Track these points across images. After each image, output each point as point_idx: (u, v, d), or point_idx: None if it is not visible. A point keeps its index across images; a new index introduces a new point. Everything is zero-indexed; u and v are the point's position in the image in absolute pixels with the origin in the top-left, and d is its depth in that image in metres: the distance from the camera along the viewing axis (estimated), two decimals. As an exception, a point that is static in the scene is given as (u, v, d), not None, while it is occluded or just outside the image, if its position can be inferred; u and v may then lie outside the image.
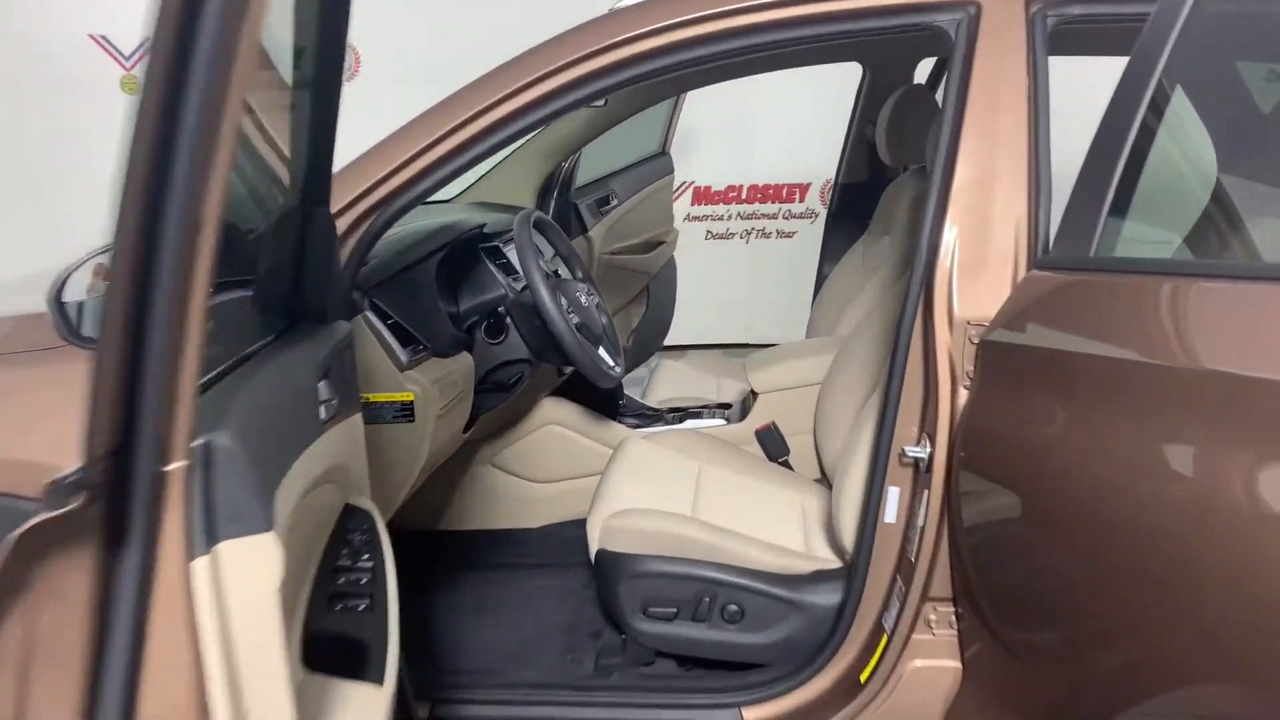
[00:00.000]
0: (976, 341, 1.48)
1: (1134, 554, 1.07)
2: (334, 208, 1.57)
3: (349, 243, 1.60)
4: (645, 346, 3.82)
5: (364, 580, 1.18)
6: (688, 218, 5.20)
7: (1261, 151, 1.50)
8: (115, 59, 4.48)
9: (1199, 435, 1.00)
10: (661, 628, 1.83)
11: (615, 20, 1.61)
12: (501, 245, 2.24)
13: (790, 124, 4.77)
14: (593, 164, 3.47)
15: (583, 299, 1.99)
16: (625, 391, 2.56)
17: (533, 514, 2.39)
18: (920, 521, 1.56)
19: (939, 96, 2.64)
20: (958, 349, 1.50)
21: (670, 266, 3.88)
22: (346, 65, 4.46)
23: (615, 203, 3.50)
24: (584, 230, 3.32)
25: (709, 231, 5.25)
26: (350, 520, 1.27)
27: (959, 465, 1.50)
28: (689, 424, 2.39)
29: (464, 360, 1.88)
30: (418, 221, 2.07)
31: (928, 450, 1.53)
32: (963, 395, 1.50)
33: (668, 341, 5.34)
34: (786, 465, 2.31)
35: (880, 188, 2.83)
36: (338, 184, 1.60)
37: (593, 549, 1.88)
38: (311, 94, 1.20)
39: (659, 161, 3.76)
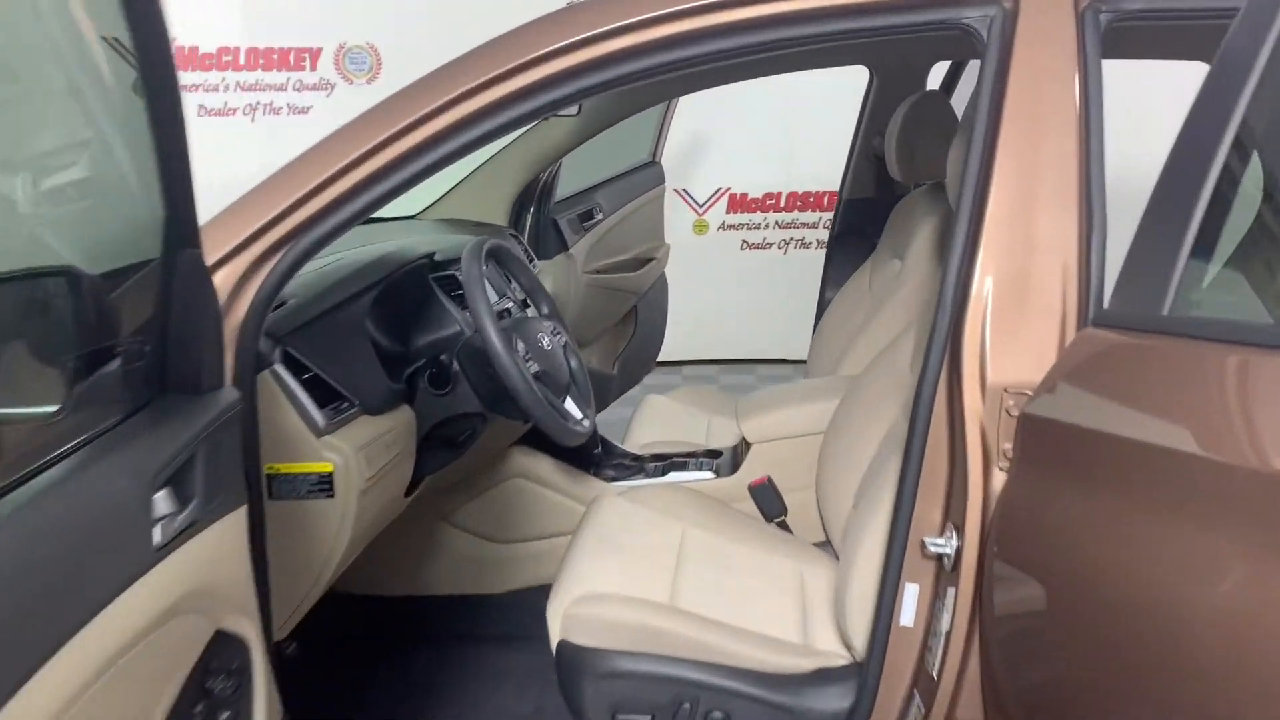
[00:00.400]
0: (1017, 414, 1.19)
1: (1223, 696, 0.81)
2: (230, 244, 1.30)
3: (250, 285, 1.33)
4: (632, 372, 3.54)
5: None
6: (722, 226, 5.02)
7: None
8: (128, 62, 4.26)
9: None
10: (633, 737, 1.54)
11: (584, 13, 1.33)
12: (458, 274, 1.96)
13: (833, 128, 4.52)
14: (575, 175, 3.19)
15: (545, 341, 1.70)
16: (603, 435, 2.27)
17: (495, 578, 2.11)
18: (944, 628, 1.27)
19: (955, 104, 2.35)
20: (992, 421, 1.22)
21: (661, 285, 3.60)
22: (367, 66, 4.18)
23: (600, 217, 3.23)
24: (564, 247, 3.05)
25: (745, 241, 5.03)
26: (216, 653, 0.99)
27: (994, 565, 1.21)
28: (673, 476, 2.10)
29: (403, 416, 1.60)
30: (352, 251, 1.78)
31: (954, 543, 1.24)
32: (999, 478, 1.22)
33: (691, 356, 5.14)
34: (784, 526, 2.02)
35: (888, 206, 2.54)
36: (235, 217, 1.33)
37: (553, 638, 1.59)
38: (148, 112, 0.91)
39: (649, 171, 3.48)
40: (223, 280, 1.30)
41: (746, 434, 2.06)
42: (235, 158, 3.58)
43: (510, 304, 2.09)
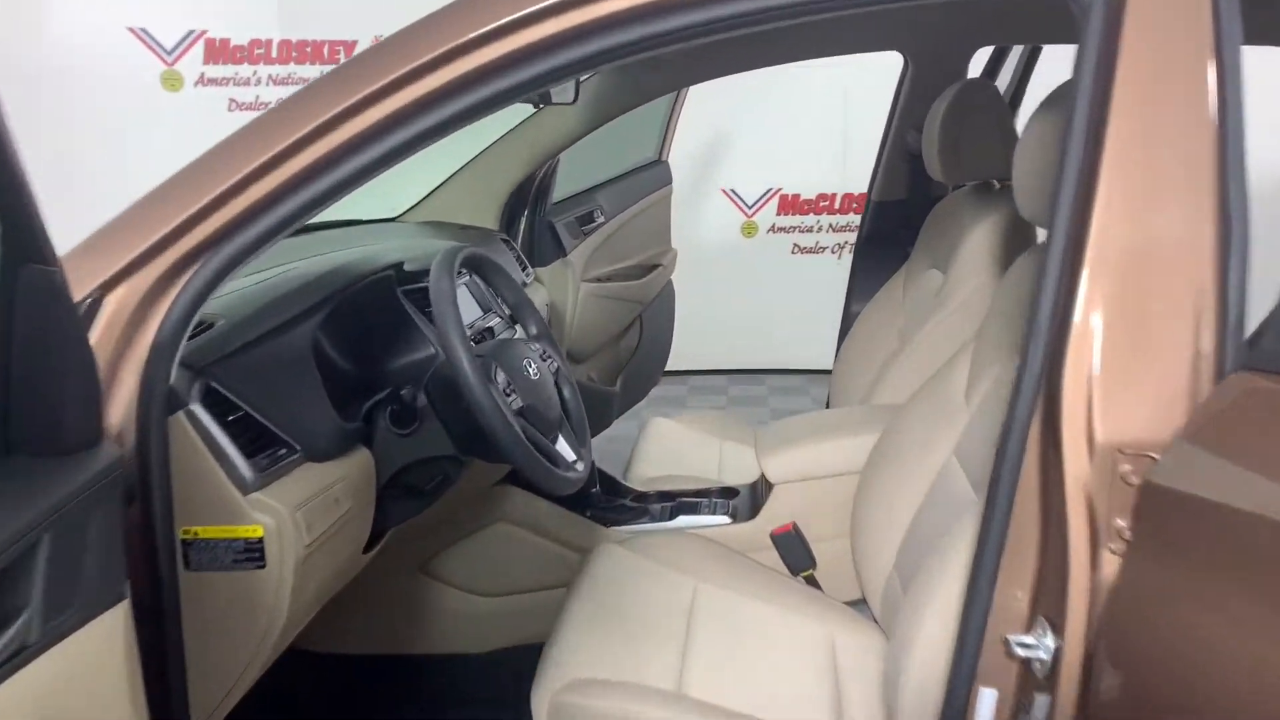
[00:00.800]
0: (1137, 482, 0.91)
1: None
2: (126, 257, 1.03)
3: (157, 307, 1.06)
4: (636, 389, 3.26)
5: None
6: (772, 228, 4.76)
7: None
8: (156, 53, 4.15)
9: None
10: None
11: None
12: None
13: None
14: (573, 174, 2.92)
15: (531, 369, 1.42)
16: (602, 468, 1.99)
17: (476, 635, 1.83)
18: None
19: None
20: (1102, 489, 0.94)
21: (667, 293, 3.32)
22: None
23: (601, 220, 2.95)
24: (562, 253, 2.77)
25: (796, 245, 4.76)
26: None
27: (1103, 675, 0.93)
28: (682, 520, 1.82)
29: (358, 461, 1.32)
30: (304, 261, 1.51)
31: (1049, 644, 0.96)
32: (1110, 564, 0.94)
33: (737, 365, 4.86)
34: (811, 582, 1.74)
35: (923, 208, 2.27)
36: (134, 223, 1.06)
37: None
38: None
39: (654, 171, 3.20)
40: (119, 302, 1.04)
41: (769, 473, 1.78)
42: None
43: (496, 320, 1.82)
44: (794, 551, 1.74)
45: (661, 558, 1.68)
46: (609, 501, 1.89)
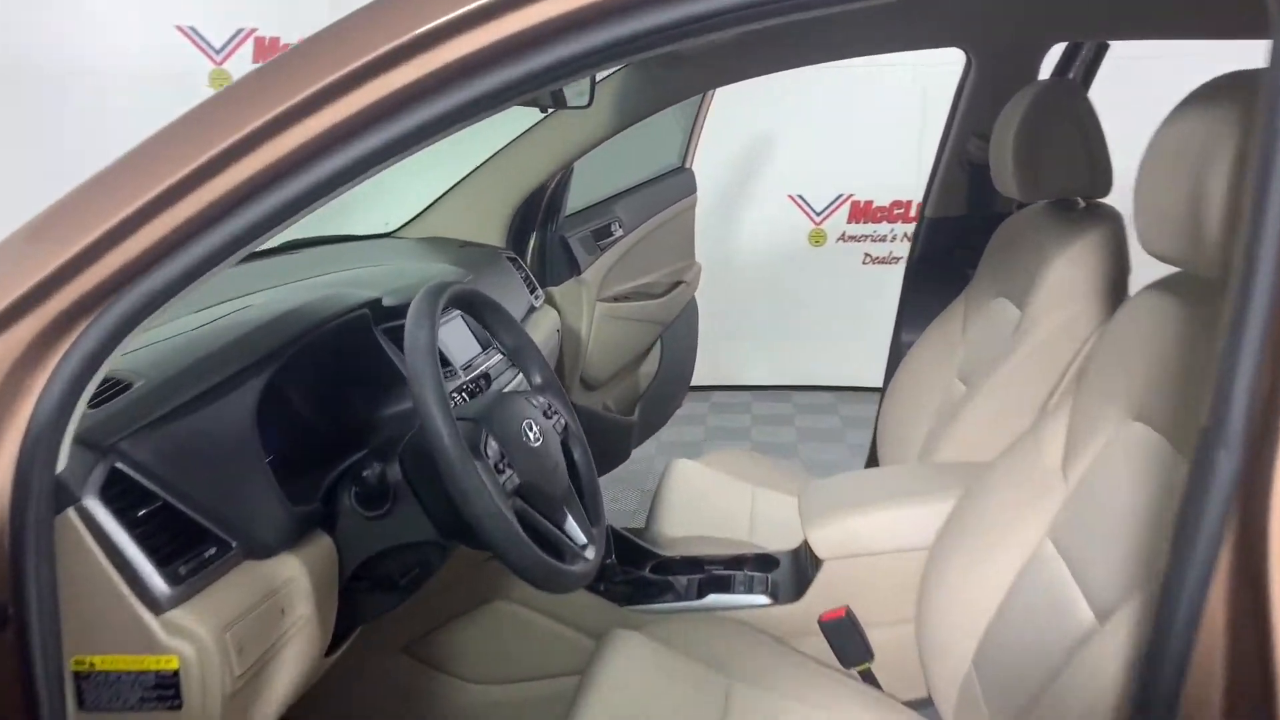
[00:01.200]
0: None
1: None
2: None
3: (40, 369, 0.81)
4: (656, 416, 2.99)
5: None
6: (843, 237, 4.48)
7: None
8: (205, 52, 4.00)
9: None
10: None
11: None
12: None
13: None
14: (589, 184, 2.66)
15: (531, 434, 1.15)
16: (617, 529, 1.72)
17: (470, 730, 1.57)
18: None
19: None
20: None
21: (690, 311, 3.05)
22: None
23: (619, 234, 2.68)
24: (576, 270, 2.51)
25: (867, 255, 4.48)
26: None
27: None
28: (713, 600, 1.55)
29: (315, 552, 1.06)
30: (251, 299, 1.25)
31: None
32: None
33: (802, 381, 4.62)
34: (869, 678, 1.47)
35: (987, 226, 1.98)
36: (9, 258, 0.81)
37: None
38: None
39: (678, 179, 2.93)
40: (-9, 367, 0.78)
41: (817, 547, 1.50)
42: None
43: (497, 358, 1.56)
44: (848, 641, 1.46)
45: (689, 649, 1.41)
46: (626, 574, 1.61)
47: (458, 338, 1.51)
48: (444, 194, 2.20)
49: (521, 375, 1.37)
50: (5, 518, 0.80)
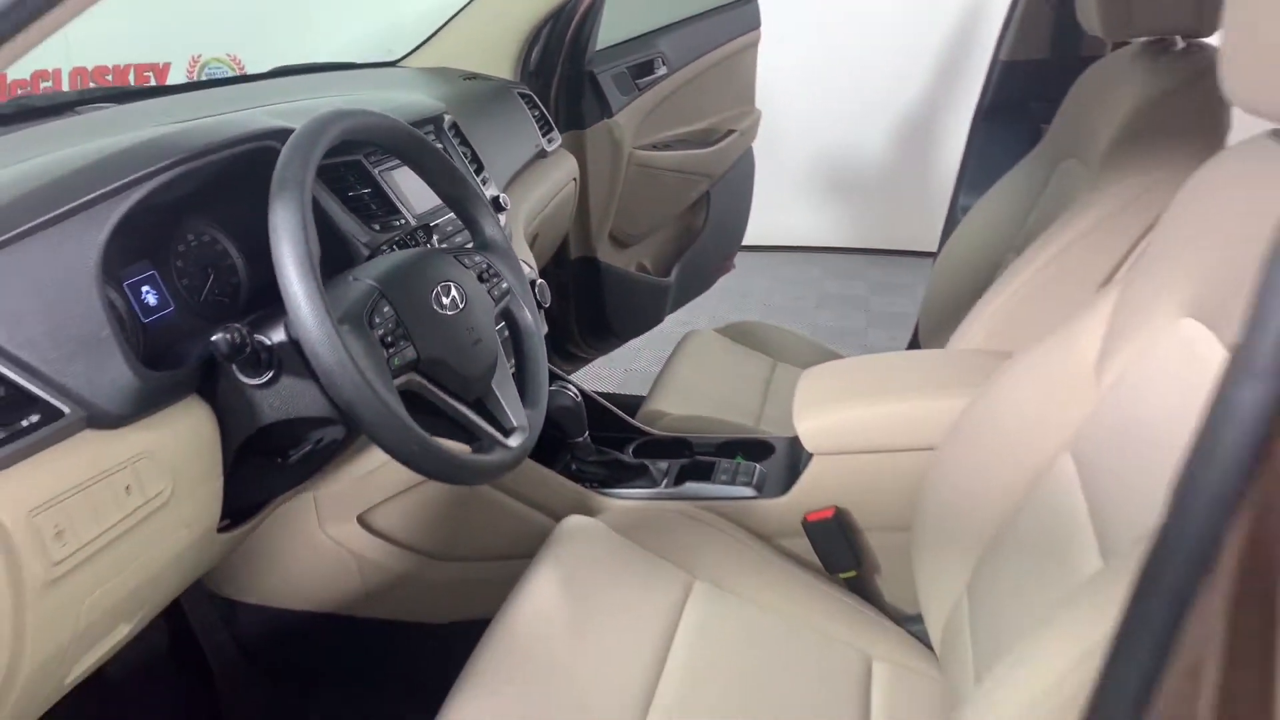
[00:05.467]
0: None
1: None
2: None
3: None
4: (697, 279, 2.77)
5: None
6: None
7: None
8: None
9: None
10: None
11: None
12: (369, 165, 1.24)
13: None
14: (632, 15, 2.38)
15: (444, 302, 0.97)
16: (598, 396, 1.56)
17: (427, 605, 1.46)
18: None
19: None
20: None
21: (745, 165, 2.79)
22: None
23: (663, 71, 2.42)
24: (607, 113, 2.27)
25: None
26: None
27: None
28: (691, 488, 1.38)
29: (184, 421, 0.92)
30: (155, 125, 1.07)
31: None
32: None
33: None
34: (854, 588, 1.29)
35: (1071, 73, 1.66)
36: None
37: None
38: None
39: (739, 11, 2.62)
40: None
41: (806, 439, 1.30)
42: None
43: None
44: (833, 546, 1.29)
45: (655, 540, 1.26)
46: (602, 454, 1.45)
47: (417, 186, 1.32)
48: (452, 17, 1.97)
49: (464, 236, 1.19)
50: None
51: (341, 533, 1.44)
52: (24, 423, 0.81)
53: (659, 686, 1.05)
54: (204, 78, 3.22)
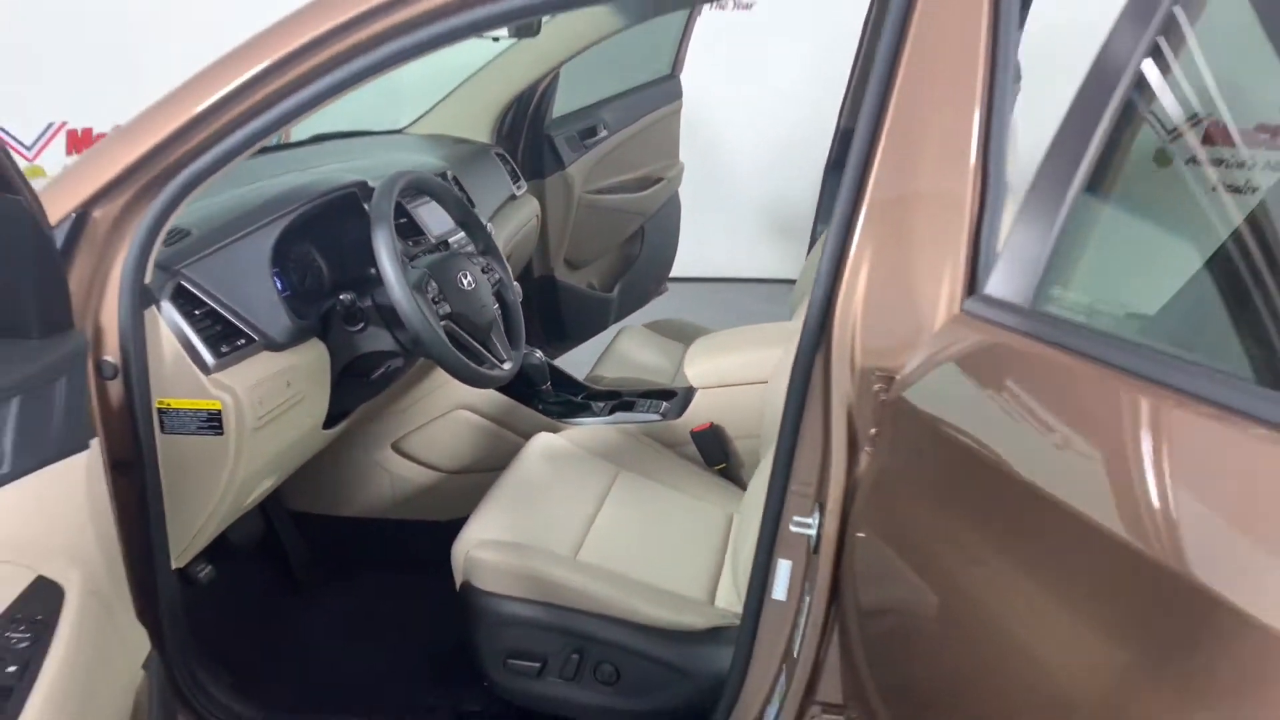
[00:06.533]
0: (883, 398, 1.12)
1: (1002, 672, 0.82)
2: (107, 177, 1.27)
3: (133, 219, 1.31)
4: (635, 296, 3.47)
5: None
6: None
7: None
8: (18, 151, 3.90)
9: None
10: (524, 683, 1.55)
11: None
12: (404, 203, 1.92)
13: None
14: (577, 90, 3.08)
15: (465, 281, 1.66)
16: (558, 366, 2.23)
17: (438, 506, 2.12)
18: (805, 608, 1.23)
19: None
20: (860, 404, 1.15)
21: (672, 206, 3.50)
22: None
23: (604, 134, 3.12)
24: (560, 166, 2.97)
25: None
26: (26, 601, 1.00)
27: (853, 550, 1.15)
28: (619, 417, 2.06)
29: (312, 352, 1.58)
30: (275, 179, 1.75)
31: (817, 524, 1.19)
32: (864, 461, 1.15)
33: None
34: (726, 474, 1.98)
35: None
36: (116, 148, 1.30)
37: (457, 579, 1.60)
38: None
39: (665, 86, 3.33)
40: (103, 214, 1.29)
41: (691, 379, 2.00)
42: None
43: (462, 236, 2.05)
44: (710, 447, 1.97)
45: (593, 448, 1.93)
46: (559, 397, 2.14)
47: (435, 216, 2.00)
48: (443, 98, 2.66)
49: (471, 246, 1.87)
50: (116, 310, 1.32)
51: (380, 456, 2.09)
52: (239, 343, 1.47)
53: (587, 537, 1.69)
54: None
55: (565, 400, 2.13)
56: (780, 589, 1.29)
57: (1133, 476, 0.71)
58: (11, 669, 0.93)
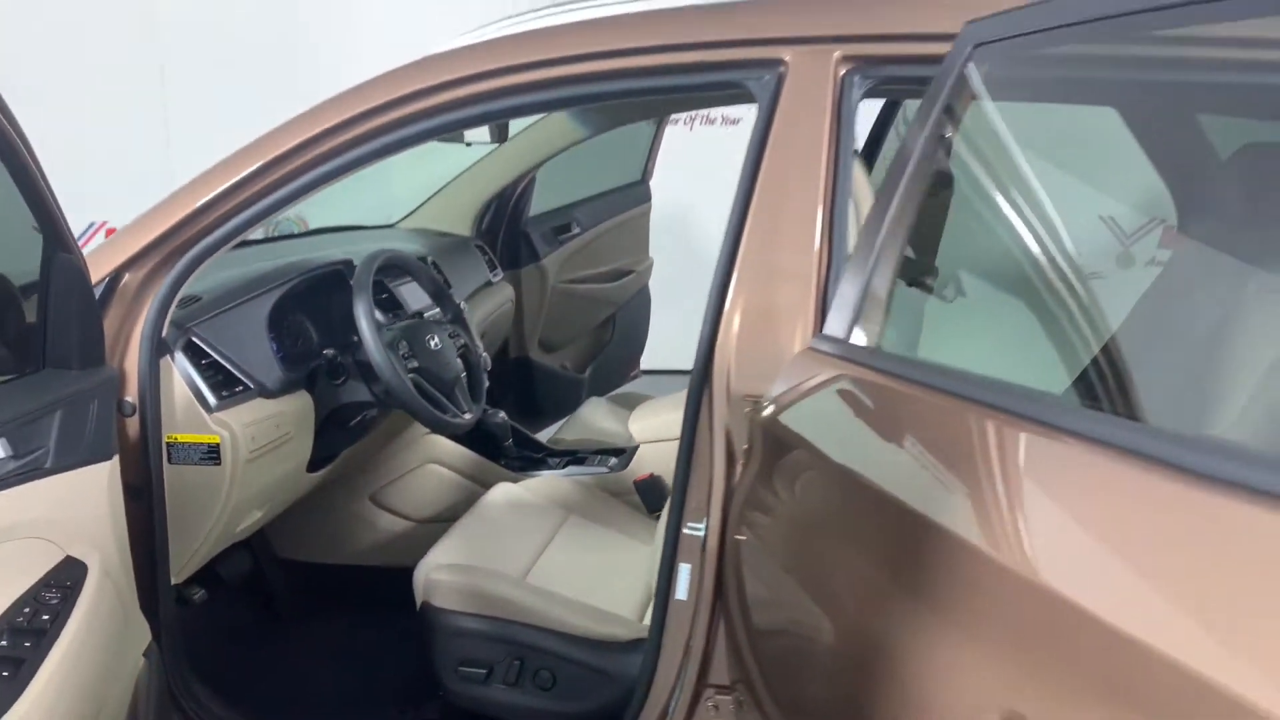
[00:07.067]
0: (751, 419, 1.39)
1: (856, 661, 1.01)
2: (137, 247, 1.58)
3: (155, 285, 1.61)
4: (606, 379, 3.76)
5: (25, 643, 1.15)
6: None
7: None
8: None
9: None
10: (474, 689, 1.77)
11: (426, 66, 1.57)
12: (385, 281, 2.22)
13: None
14: (555, 191, 3.43)
15: (433, 342, 1.95)
16: (518, 427, 2.51)
17: (412, 552, 2.34)
18: (696, 602, 1.48)
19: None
20: (734, 425, 1.42)
21: (641, 297, 3.82)
22: None
23: (577, 230, 3.46)
24: (536, 258, 3.29)
25: None
26: (59, 572, 1.25)
27: (732, 547, 1.41)
28: (571, 470, 2.33)
29: (298, 401, 1.86)
30: (280, 259, 2.06)
31: (704, 528, 1.45)
32: (738, 475, 1.42)
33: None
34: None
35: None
36: (146, 224, 1.61)
37: (418, 600, 1.84)
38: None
39: (635, 190, 3.69)
40: (131, 278, 1.59)
41: (635, 434, 2.28)
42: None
43: (438, 310, 2.35)
44: (651, 495, 2.23)
45: (544, 494, 2.19)
46: (520, 454, 2.40)
47: (414, 295, 2.31)
48: (429, 197, 3.01)
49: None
50: (137, 358, 1.61)
51: (359, 507, 2.35)
52: (237, 389, 1.75)
53: (535, 565, 1.94)
54: (277, 232, 4.38)
55: (526, 456, 2.40)
56: (682, 589, 1.53)
57: (912, 461, 0.98)
58: (45, 618, 1.18)
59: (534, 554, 1.95)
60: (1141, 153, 1.34)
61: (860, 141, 1.54)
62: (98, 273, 1.55)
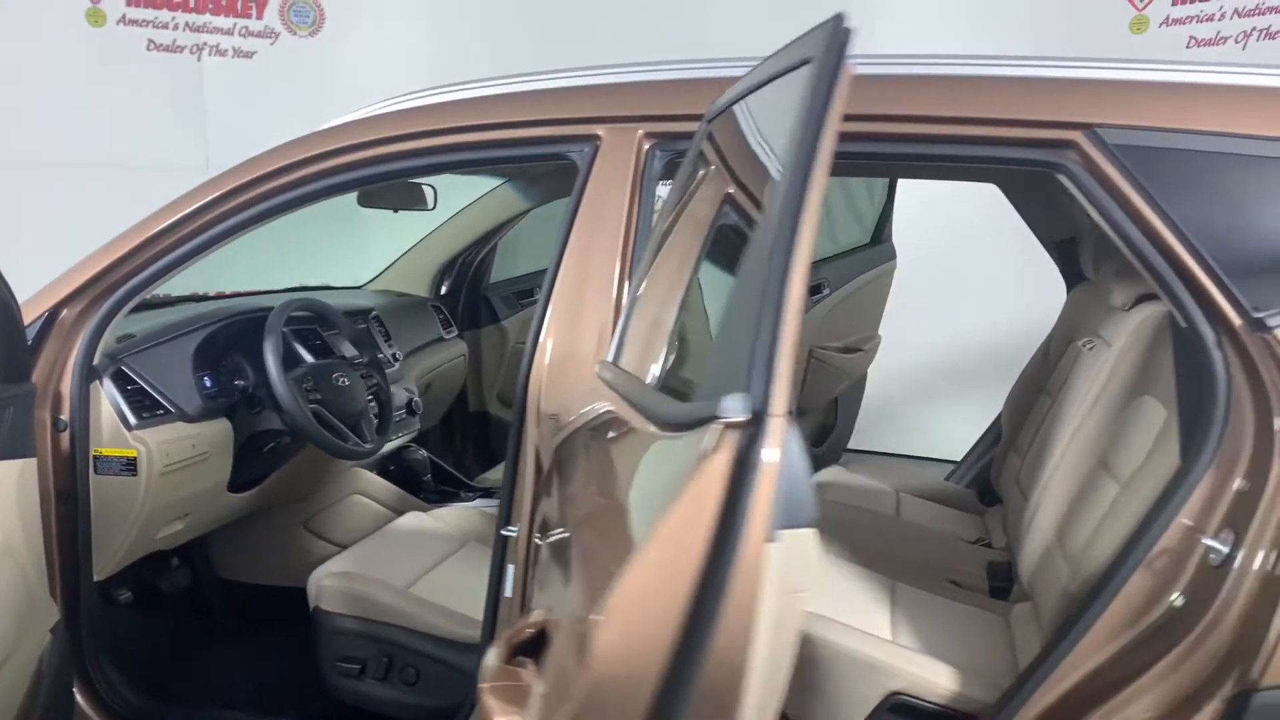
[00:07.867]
0: (554, 436, 1.62)
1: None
2: (74, 286, 1.87)
3: (88, 320, 1.90)
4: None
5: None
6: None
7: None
8: None
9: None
10: (347, 683, 1.99)
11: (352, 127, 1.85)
12: (320, 330, 2.51)
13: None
14: (517, 260, 3.74)
15: (340, 380, 2.22)
16: (440, 463, 2.75)
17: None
18: (520, 598, 1.70)
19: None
20: (543, 442, 1.66)
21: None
22: (310, 20, 4.72)
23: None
24: (495, 321, 3.58)
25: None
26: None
27: (533, 548, 1.63)
28: (480, 502, 2.56)
29: (217, 426, 2.14)
30: (221, 306, 2.37)
31: (517, 531, 1.67)
32: (550, 483, 1.64)
33: None
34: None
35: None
36: (84, 266, 1.90)
37: (311, 603, 2.07)
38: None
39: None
40: (68, 313, 1.88)
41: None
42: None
43: (380, 355, 2.63)
44: (546, 525, 2.44)
45: (449, 522, 2.42)
46: (438, 489, 2.65)
47: (343, 344, 2.59)
48: (393, 262, 3.33)
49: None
50: (71, 385, 1.90)
51: (293, 533, 2.60)
52: (158, 412, 2.03)
53: (421, 580, 2.15)
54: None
55: (443, 490, 2.65)
56: (508, 588, 1.75)
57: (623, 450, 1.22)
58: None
59: (423, 570, 2.18)
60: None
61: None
62: (38, 308, 1.86)
